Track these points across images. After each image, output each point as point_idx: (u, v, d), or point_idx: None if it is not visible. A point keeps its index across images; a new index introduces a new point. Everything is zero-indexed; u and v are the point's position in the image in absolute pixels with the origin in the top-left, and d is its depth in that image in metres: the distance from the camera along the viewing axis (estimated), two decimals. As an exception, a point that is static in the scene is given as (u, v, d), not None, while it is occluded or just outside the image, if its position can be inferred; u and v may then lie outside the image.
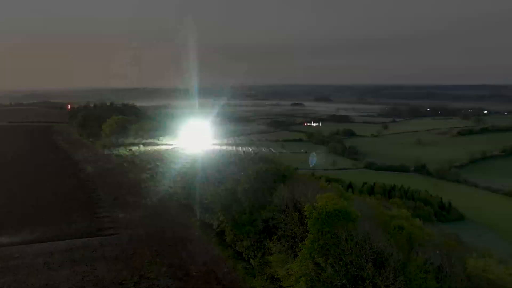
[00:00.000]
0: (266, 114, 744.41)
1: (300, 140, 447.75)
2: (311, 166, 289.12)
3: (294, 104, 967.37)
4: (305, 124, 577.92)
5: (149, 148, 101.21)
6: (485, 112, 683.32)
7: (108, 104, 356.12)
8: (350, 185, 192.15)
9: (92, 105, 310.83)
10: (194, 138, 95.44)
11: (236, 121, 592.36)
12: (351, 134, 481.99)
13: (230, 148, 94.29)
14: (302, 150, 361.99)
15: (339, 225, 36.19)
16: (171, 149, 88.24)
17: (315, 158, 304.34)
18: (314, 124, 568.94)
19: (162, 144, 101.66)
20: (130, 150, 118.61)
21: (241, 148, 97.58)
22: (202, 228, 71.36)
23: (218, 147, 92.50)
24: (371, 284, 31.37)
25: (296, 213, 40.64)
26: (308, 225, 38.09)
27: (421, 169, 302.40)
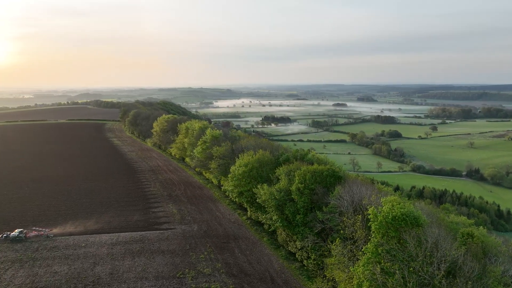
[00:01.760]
0: (307, 114, 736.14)
1: (343, 141, 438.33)
2: (354, 168, 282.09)
3: (336, 104, 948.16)
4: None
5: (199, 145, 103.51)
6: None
7: (156, 103, 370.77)
8: (397, 189, 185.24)
9: (141, 104, 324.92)
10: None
11: (277, 121, 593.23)
12: (396, 135, 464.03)
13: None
14: (348, 152, 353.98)
15: (406, 230, 34.91)
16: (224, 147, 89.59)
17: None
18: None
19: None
20: (182, 147, 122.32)
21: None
22: (253, 227, 72.16)
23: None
24: (442, 293, 29.98)
25: (359, 216, 39.70)
26: (371, 228, 37.12)
27: (474, 174, 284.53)
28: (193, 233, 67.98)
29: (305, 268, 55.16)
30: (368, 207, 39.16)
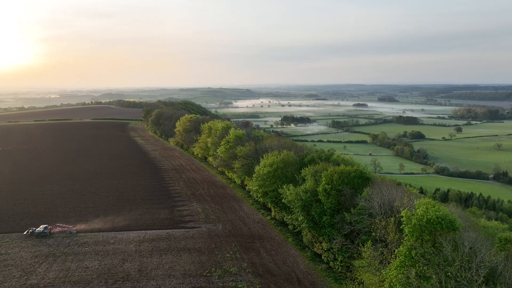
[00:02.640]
0: (327, 114, 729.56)
1: (363, 141, 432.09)
2: (376, 169, 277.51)
3: (357, 105, 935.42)
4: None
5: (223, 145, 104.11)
6: None
7: (177, 102, 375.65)
8: (421, 191, 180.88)
9: (162, 104, 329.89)
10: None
11: (296, 121, 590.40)
12: (419, 136, 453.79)
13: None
14: (369, 153, 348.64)
15: (442, 233, 34.05)
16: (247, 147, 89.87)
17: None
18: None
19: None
20: (204, 147, 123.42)
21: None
22: (277, 227, 72.04)
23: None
24: (481, 300, 29.06)
25: (392, 218, 38.95)
26: (404, 231, 36.39)
27: (502, 177, 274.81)
28: (218, 232, 68.47)
29: (332, 270, 54.64)
30: (401, 209, 38.39)
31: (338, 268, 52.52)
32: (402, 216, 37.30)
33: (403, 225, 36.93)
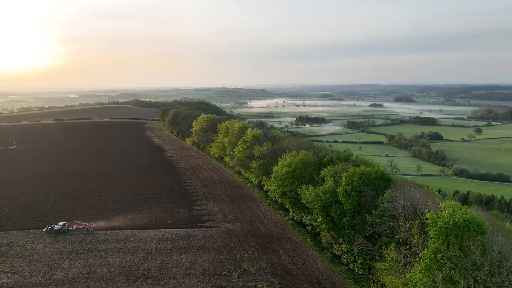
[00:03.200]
0: (343, 114, 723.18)
1: (379, 142, 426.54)
2: (392, 170, 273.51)
3: (373, 105, 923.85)
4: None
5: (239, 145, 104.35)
6: None
7: (193, 102, 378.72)
8: (439, 193, 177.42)
9: (178, 104, 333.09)
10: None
11: (311, 121, 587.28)
12: (437, 137, 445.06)
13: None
14: (385, 154, 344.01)
15: (469, 237, 33.29)
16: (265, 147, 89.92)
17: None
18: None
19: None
20: (221, 146, 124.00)
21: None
22: (296, 227, 71.78)
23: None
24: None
25: (416, 220, 38.28)
26: (429, 234, 35.73)
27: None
28: (236, 231, 68.66)
29: (352, 271, 54.12)
30: (426, 211, 37.71)
31: (359, 270, 51.97)
32: (427, 219, 36.62)
33: (428, 228, 36.26)
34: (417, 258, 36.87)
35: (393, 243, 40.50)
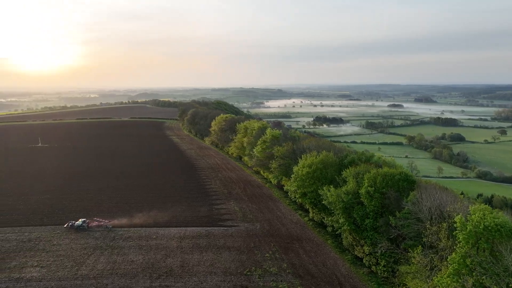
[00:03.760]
0: (361, 114, 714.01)
1: (399, 143, 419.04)
2: (412, 172, 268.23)
3: (392, 105, 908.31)
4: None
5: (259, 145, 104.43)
6: None
7: (210, 102, 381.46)
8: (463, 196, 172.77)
9: (197, 103, 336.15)
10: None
11: (328, 121, 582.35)
12: (459, 139, 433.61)
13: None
14: (405, 155, 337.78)
15: (501, 241, 32.30)
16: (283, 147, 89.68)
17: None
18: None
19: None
20: (240, 146, 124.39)
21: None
22: (316, 228, 71.27)
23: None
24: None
25: (444, 224, 37.40)
26: (458, 238, 34.85)
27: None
28: (256, 231, 68.74)
29: (375, 274, 53.34)
30: (454, 214, 36.81)
31: (381, 273, 51.17)
32: (455, 222, 35.74)
33: (456, 232, 35.38)
34: (444, 262, 36.03)
35: (419, 246, 39.70)
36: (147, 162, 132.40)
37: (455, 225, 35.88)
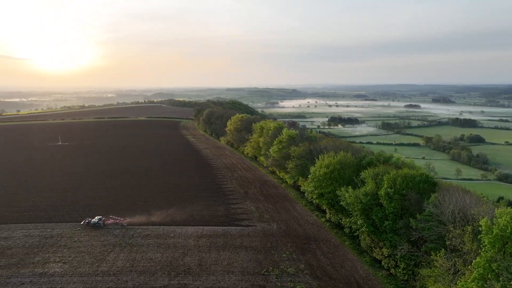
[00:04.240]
0: (377, 115, 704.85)
1: (416, 144, 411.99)
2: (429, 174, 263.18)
3: (409, 106, 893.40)
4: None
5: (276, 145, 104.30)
6: None
7: (225, 102, 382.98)
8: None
9: (212, 103, 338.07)
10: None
11: (344, 122, 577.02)
12: (478, 140, 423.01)
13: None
14: (422, 157, 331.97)
15: (529, 246, 31.35)
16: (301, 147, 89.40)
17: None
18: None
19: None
20: (256, 146, 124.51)
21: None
22: (333, 229, 70.73)
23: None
24: None
25: (469, 227, 36.54)
26: (483, 242, 33.98)
27: None
28: (273, 231, 68.67)
29: (394, 277, 52.58)
30: (479, 217, 35.94)
31: (401, 276, 50.39)
32: (480, 225, 34.88)
33: (482, 235, 34.52)
34: (468, 267, 35.20)
35: (442, 250, 38.88)
36: (164, 161, 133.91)
37: (480, 228, 35.02)
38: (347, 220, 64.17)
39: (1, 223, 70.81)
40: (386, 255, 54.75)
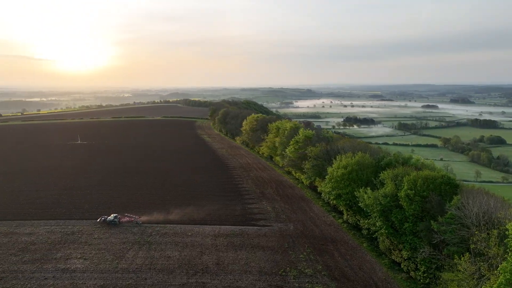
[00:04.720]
0: (393, 115, 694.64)
1: (433, 145, 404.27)
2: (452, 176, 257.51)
3: (426, 106, 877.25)
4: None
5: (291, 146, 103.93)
6: None
7: (240, 102, 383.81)
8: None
9: (227, 103, 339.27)
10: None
11: (359, 122, 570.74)
12: (499, 142, 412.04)
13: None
14: (440, 158, 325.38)
15: (559, 252, 30.35)
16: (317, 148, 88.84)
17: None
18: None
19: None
20: (272, 146, 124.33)
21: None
22: (351, 231, 70.02)
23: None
24: None
25: (495, 231, 35.61)
26: (511, 246, 33.08)
27: None
28: (289, 232, 68.45)
29: (413, 280, 51.70)
30: (506, 221, 34.98)
31: (421, 279, 49.50)
32: (507, 229, 33.97)
33: (508, 239, 33.62)
34: (494, 271, 34.30)
35: (467, 254, 37.99)
36: (180, 160, 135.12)
37: (506, 232, 34.13)
38: (365, 221, 63.44)
39: (25, 219, 72.79)
40: (405, 258, 53.88)
